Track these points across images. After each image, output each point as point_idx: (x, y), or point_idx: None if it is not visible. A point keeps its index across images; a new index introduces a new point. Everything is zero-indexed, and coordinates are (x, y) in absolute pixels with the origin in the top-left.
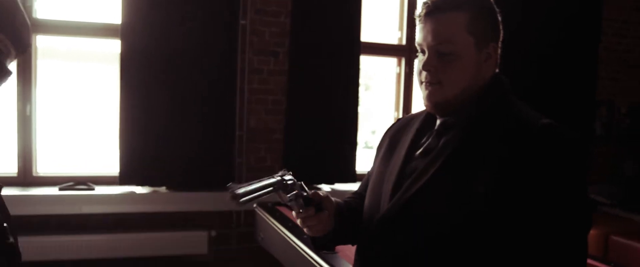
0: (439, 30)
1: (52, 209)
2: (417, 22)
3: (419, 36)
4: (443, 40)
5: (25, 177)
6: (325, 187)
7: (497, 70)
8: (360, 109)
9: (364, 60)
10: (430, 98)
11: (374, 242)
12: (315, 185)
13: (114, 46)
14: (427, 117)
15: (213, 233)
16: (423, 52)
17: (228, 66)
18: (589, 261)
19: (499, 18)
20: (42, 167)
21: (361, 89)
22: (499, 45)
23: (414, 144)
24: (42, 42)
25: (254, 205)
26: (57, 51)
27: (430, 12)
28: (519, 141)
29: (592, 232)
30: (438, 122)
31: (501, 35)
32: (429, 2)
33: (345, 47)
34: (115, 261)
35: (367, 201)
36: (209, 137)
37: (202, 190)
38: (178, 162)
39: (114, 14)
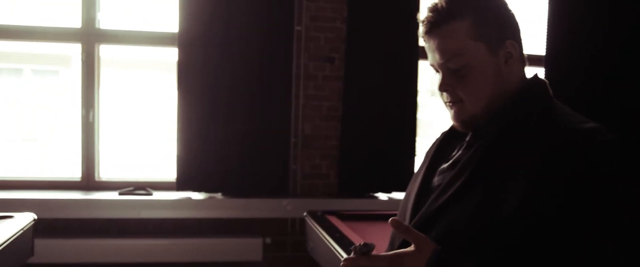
0: (443, 47)
1: (112, 212)
2: (422, 41)
3: (428, 56)
4: (451, 56)
5: (88, 181)
6: (383, 196)
7: (526, 67)
8: (423, 116)
9: (426, 66)
10: (456, 118)
11: None
12: (372, 194)
13: (172, 54)
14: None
15: (268, 240)
16: (437, 71)
17: (283, 72)
18: None
19: (509, 10)
20: (104, 172)
21: (427, 95)
22: (519, 39)
23: (441, 157)
24: (105, 52)
25: (304, 213)
26: (119, 60)
27: (430, 30)
28: (555, 148)
29: None
30: (470, 133)
31: (518, 28)
32: (425, 19)
33: (403, 52)
34: (171, 265)
35: None
36: (264, 144)
37: (257, 197)
38: (233, 169)
39: (172, 23)
